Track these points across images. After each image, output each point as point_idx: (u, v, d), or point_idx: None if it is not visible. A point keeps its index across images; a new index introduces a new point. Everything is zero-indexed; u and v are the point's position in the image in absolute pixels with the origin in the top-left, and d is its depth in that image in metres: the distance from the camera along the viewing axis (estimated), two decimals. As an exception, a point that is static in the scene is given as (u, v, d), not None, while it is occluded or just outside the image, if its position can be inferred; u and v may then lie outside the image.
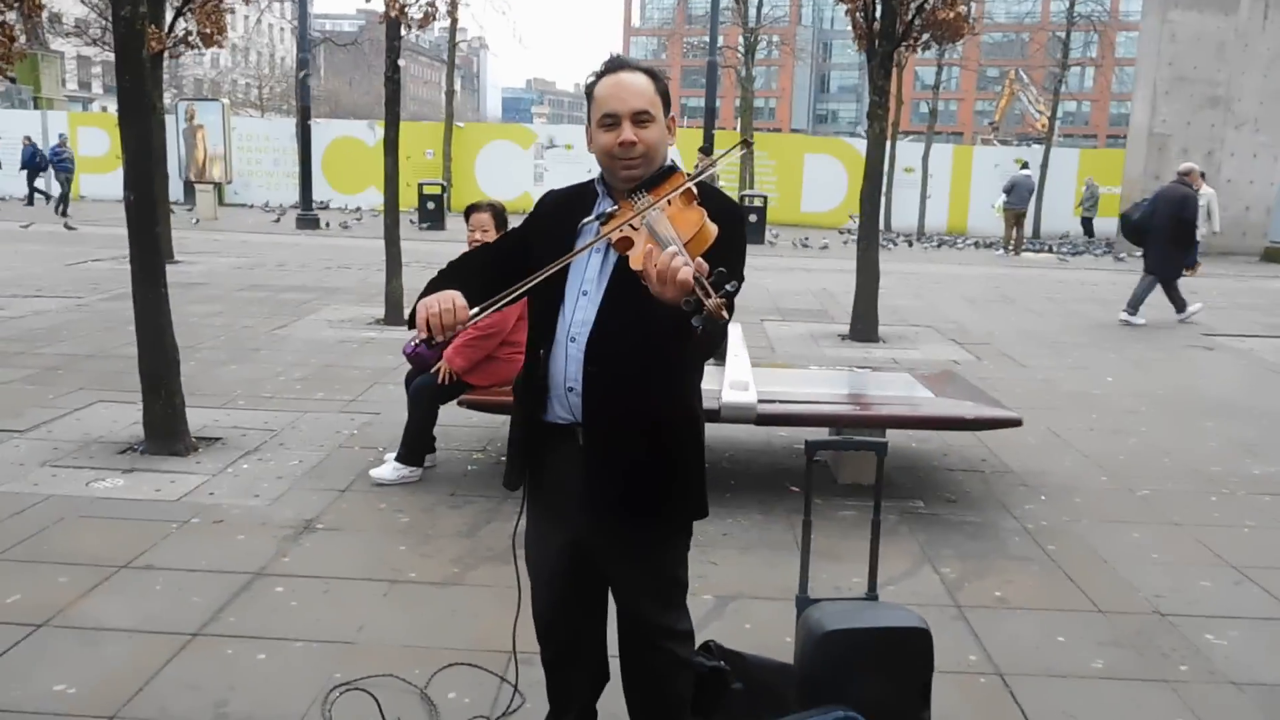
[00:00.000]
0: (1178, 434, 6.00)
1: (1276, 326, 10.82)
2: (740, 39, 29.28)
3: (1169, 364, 8.34)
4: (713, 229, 1.86)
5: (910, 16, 8.79)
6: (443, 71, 33.53)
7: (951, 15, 8.88)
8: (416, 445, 4.68)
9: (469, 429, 5.46)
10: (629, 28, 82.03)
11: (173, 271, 5.60)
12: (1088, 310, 11.62)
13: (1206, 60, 19.67)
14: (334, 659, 3.00)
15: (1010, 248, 19.79)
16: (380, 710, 2.71)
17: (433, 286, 2.06)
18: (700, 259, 1.71)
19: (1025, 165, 21.78)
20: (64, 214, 19.95)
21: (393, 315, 8.91)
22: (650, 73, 2.06)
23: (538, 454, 2.16)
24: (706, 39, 21.49)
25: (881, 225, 14.13)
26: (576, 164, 25.54)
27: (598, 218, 2.05)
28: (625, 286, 1.92)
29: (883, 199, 13.05)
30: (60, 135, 22.29)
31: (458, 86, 27.79)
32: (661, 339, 1.88)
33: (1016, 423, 4.68)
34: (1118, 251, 19.55)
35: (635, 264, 1.83)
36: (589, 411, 2.04)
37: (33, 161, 22.67)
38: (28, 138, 23.42)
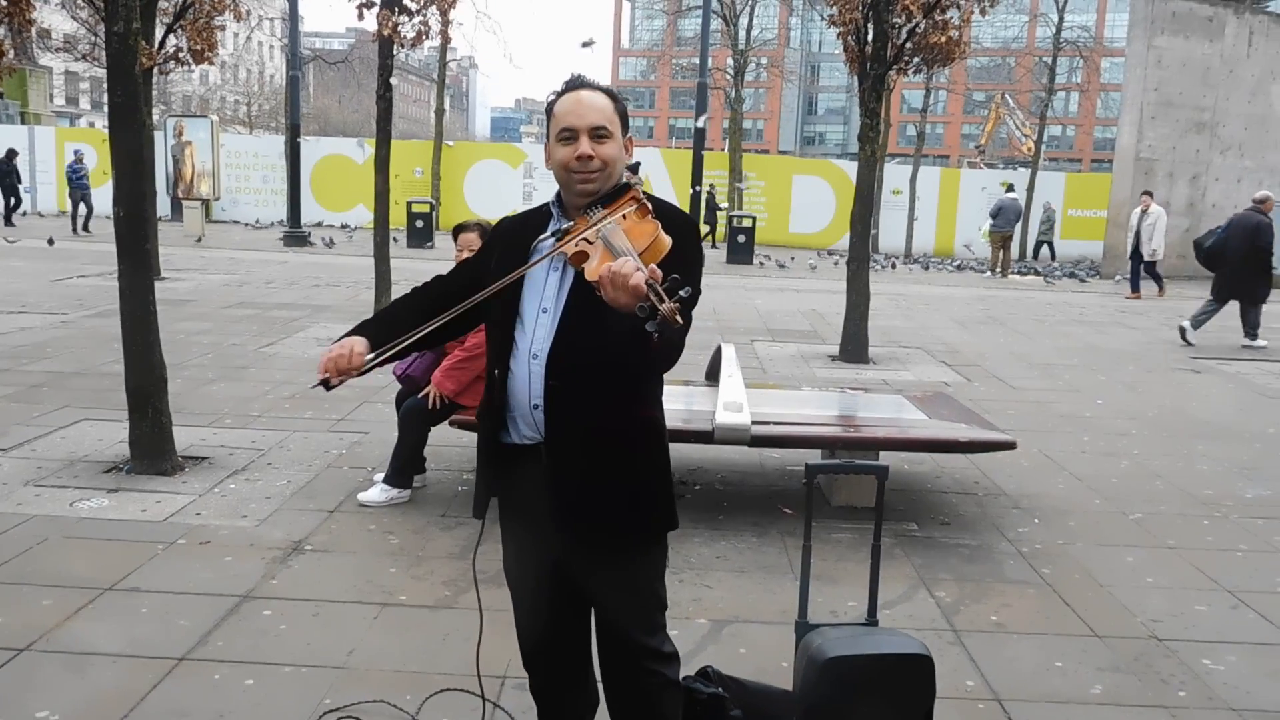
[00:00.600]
0: (1169, 457, 6.00)
1: (1263, 351, 10.88)
2: (729, 61, 29.48)
3: (1159, 387, 8.37)
4: (667, 240, 1.89)
5: (902, 40, 8.85)
6: (432, 90, 33.61)
7: (943, 39, 8.91)
8: (406, 467, 4.64)
9: (460, 449, 5.42)
10: (618, 49, 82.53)
11: (160, 288, 5.55)
12: (1077, 332, 11.67)
13: (1192, 85, 19.89)
14: (324, 684, 2.95)
15: (998, 270, 19.91)
16: (371, 737, 2.66)
17: (388, 314, 2.26)
18: (654, 267, 1.74)
19: (1011, 188, 21.95)
20: (86, 228, 19.90)
21: (382, 333, 8.85)
22: (609, 92, 2.11)
23: (504, 477, 2.15)
24: (695, 60, 21.62)
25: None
26: (566, 183, 25.62)
27: (553, 234, 2.07)
28: (584, 301, 1.96)
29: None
30: (76, 152, 21.62)
31: (447, 105, 27.86)
32: (621, 350, 1.90)
33: (1011, 445, 4.67)
34: (1110, 273, 19.73)
35: (591, 275, 1.86)
36: (553, 426, 2.04)
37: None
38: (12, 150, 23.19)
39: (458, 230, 4.72)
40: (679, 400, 4.91)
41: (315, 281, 13.66)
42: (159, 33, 11.14)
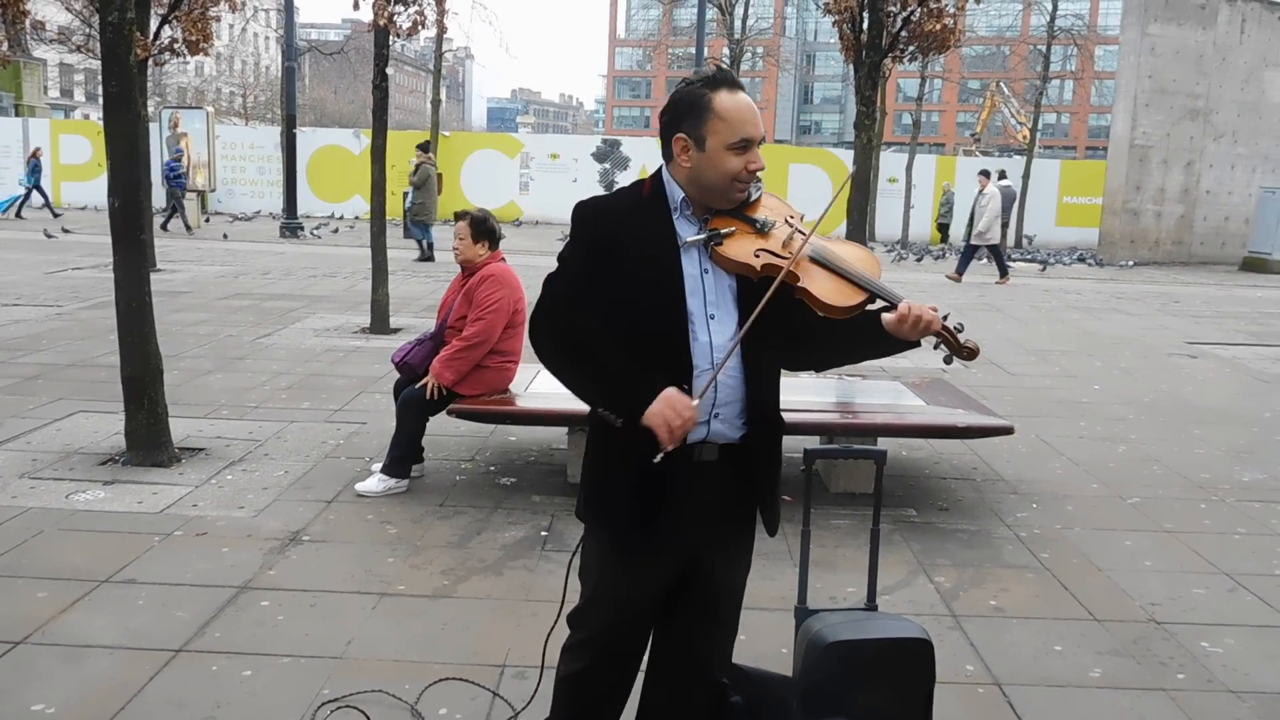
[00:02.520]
0: (1166, 441, 6.01)
1: (1258, 334, 10.90)
2: (725, 50, 29.37)
3: (1155, 372, 8.37)
4: (873, 256, 2.05)
5: (897, 28, 8.83)
6: (428, 81, 33.51)
7: (938, 27, 8.90)
8: (404, 456, 4.62)
9: (458, 439, 5.41)
10: (614, 38, 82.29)
11: (156, 279, 5.53)
12: (1073, 318, 11.67)
13: (1186, 73, 19.87)
14: (322, 674, 2.94)
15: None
16: (371, 726, 2.65)
17: (580, 351, 1.98)
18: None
19: (1003, 175, 21.91)
20: (164, 227, 19.04)
21: (379, 324, 8.84)
22: None
23: (670, 485, 2.00)
24: (691, 50, 21.54)
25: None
26: (562, 173, 25.60)
27: (710, 238, 1.97)
28: (754, 305, 1.95)
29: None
30: (176, 149, 20.85)
31: (443, 96, 27.74)
32: (781, 359, 2.11)
33: (1009, 430, 4.67)
34: (1099, 258, 19.73)
35: (832, 297, 1.95)
36: (751, 431, 2.04)
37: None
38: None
39: (457, 218, 4.77)
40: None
41: (312, 272, 13.63)
42: (154, 24, 11.07)
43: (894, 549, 4.06)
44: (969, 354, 2.03)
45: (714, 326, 1.98)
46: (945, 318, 2.00)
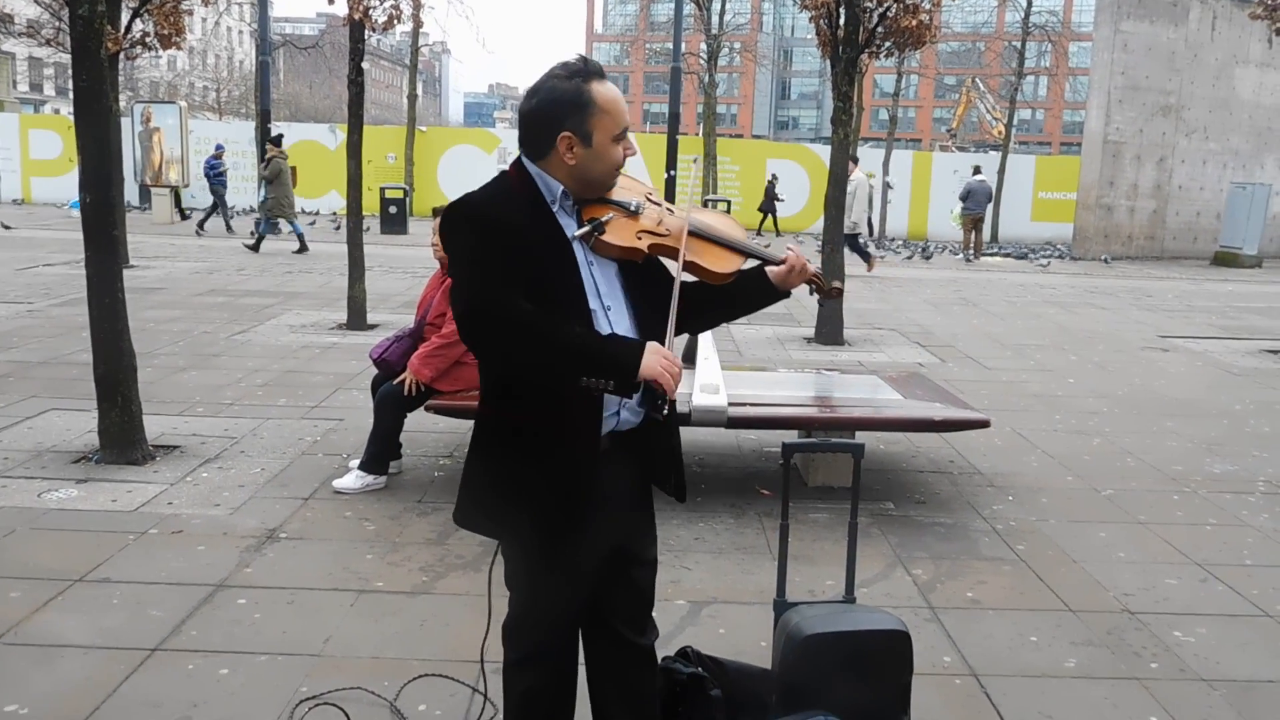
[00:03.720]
0: (1139, 434, 6.08)
1: (1229, 328, 11.05)
2: (702, 45, 29.38)
3: (1128, 365, 8.46)
4: (736, 220, 2.22)
5: (873, 24, 8.85)
6: (404, 75, 33.29)
7: (914, 23, 8.92)
8: (381, 452, 4.60)
9: (435, 435, 5.38)
10: (591, 33, 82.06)
11: (129, 276, 5.47)
12: (1047, 313, 11.78)
13: (1158, 69, 20.08)
14: (300, 672, 2.92)
15: (970, 252, 20.03)
16: (349, 723, 2.64)
17: (544, 339, 1.87)
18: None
19: (978, 170, 22.07)
20: (201, 227, 18.47)
21: (356, 320, 8.79)
22: None
23: (587, 486, 1.98)
24: (668, 45, 21.53)
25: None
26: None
27: (595, 228, 1.96)
28: (641, 291, 2.05)
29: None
30: (218, 146, 20.32)
31: (420, 90, 27.58)
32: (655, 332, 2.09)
33: (984, 424, 4.71)
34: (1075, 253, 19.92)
35: (718, 264, 2.05)
36: (672, 405, 1.96)
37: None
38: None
39: (435, 214, 4.73)
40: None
41: (288, 269, 13.52)
42: (125, 17, 10.93)
43: (872, 542, 4.09)
44: (836, 292, 2.24)
45: (612, 317, 1.99)
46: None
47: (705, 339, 5.18)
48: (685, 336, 2.05)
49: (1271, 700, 2.97)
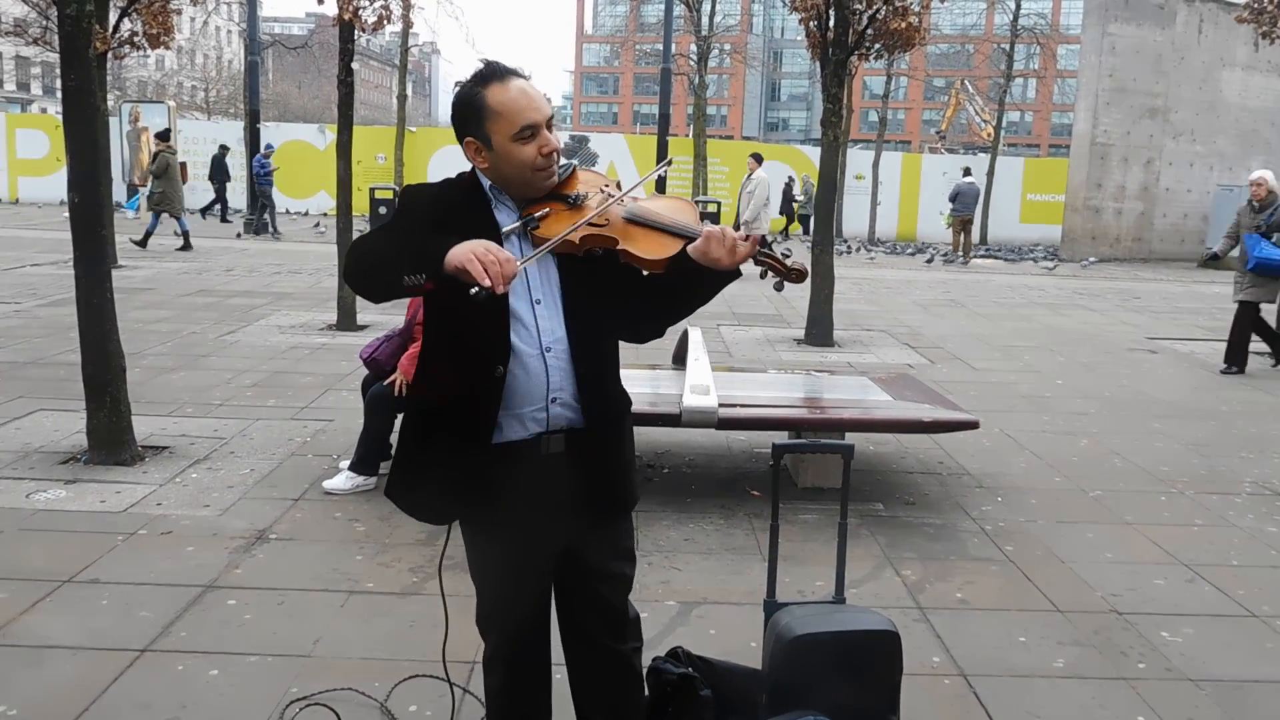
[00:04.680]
0: (1127, 435, 6.12)
1: (1215, 330, 11.11)
2: (692, 46, 29.40)
3: (1116, 367, 8.51)
4: (691, 204, 2.04)
5: (863, 26, 8.89)
6: (394, 76, 33.22)
7: (903, 25, 8.96)
8: (371, 453, 4.59)
9: (426, 436, 5.37)
10: (580, 34, 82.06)
11: (117, 276, 5.44)
12: (1036, 314, 11.84)
13: (1145, 72, 20.20)
14: (290, 673, 2.92)
15: (960, 254, 20.11)
16: (340, 724, 2.64)
17: (379, 247, 1.92)
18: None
19: (968, 172, 22.16)
20: (274, 232, 18.49)
21: (345, 321, 8.76)
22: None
23: (488, 477, 2.00)
24: (658, 46, 21.54)
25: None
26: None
27: (525, 224, 1.96)
28: (579, 286, 2.01)
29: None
30: (267, 146, 20.12)
31: (409, 91, 27.52)
32: (615, 331, 2.10)
33: (973, 425, 4.73)
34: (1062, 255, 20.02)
35: (651, 251, 1.92)
36: (591, 415, 2.03)
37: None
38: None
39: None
40: (646, 384, 4.92)
41: (276, 269, 13.47)
42: (113, 16, 10.89)
43: (861, 543, 4.11)
44: (797, 276, 1.97)
45: (540, 311, 1.99)
46: (772, 244, 1.98)
47: (695, 340, 5.19)
48: (546, 256, 1.97)
49: (1257, 700, 3.00)
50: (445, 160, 25.12)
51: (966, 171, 21.90)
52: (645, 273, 2.00)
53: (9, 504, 4.20)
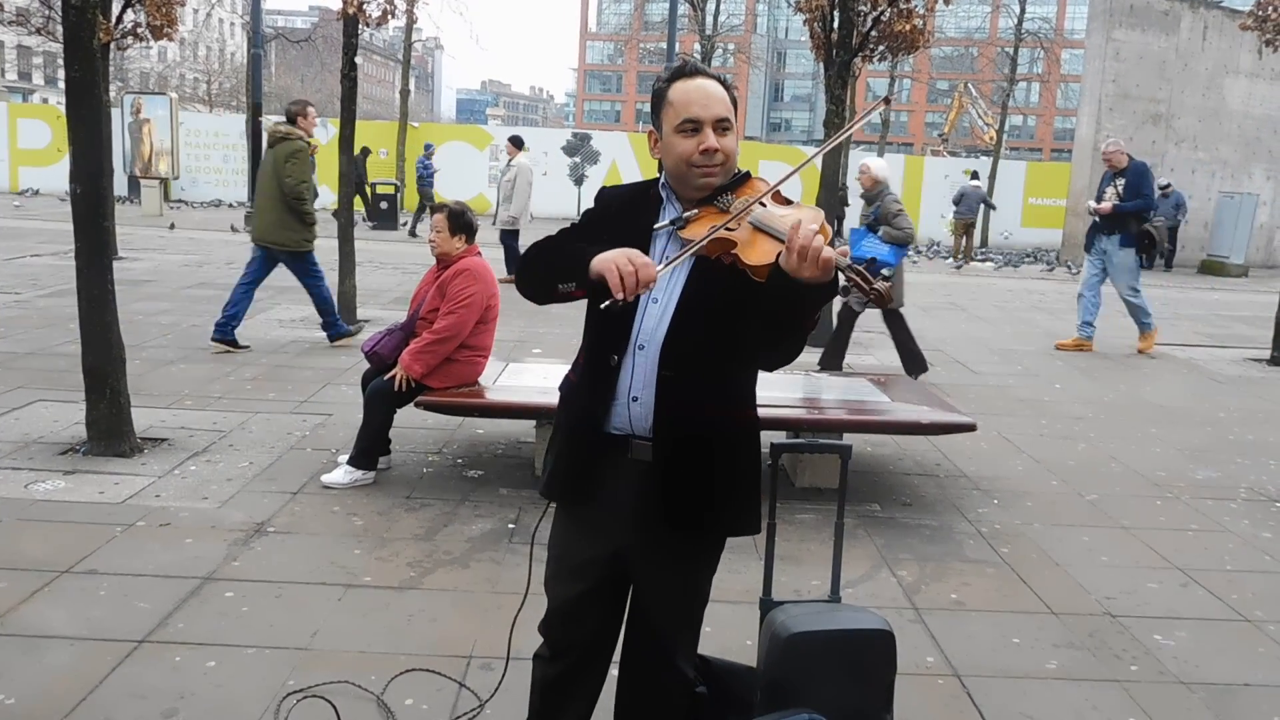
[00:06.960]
0: (1124, 440, 6.13)
1: (1216, 336, 11.13)
2: (696, 46, 29.44)
3: (1115, 372, 8.53)
4: (827, 227, 1.85)
5: (867, 28, 8.89)
6: (396, 71, 33.22)
7: (908, 27, 8.97)
8: (370, 448, 4.60)
9: (425, 431, 5.39)
10: (585, 32, 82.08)
11: (118, 268, 5.43)
12: (1036, 318, 11.85)
13: (1149, 78, 20.21)
14: (287, 665, 2.93)
15: (961, 257, 20.13)
16: (337, 717, 2.65)
17: (544, 255, 2.05)
18: (845, 246, 1.83)
19: (974, 175, 22.17)
20: (413, 233, 18.37)
21: (345, 315, 8.76)
22: (723, 81, 2.02)
23: (596, 464, 2.04)
24: (662, 45, 21.53)
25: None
26: (532, 166, 25.45)
27: (673, 223, 1.98)
28: (700, 293, 1.97)
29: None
30: (427, 146, 20.09)
31: (412, 86, 27.53)
32: (734, 346, 1.97)
33: (971, 427, 4.74)
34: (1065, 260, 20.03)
35: (756, 258, 1.84)
36: (662, 422, 1.98)
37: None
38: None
39: (433, 210, 4.78)
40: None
41: (277, 263, 13.46)
42: (116, 7, 10.88)
43: (858, 543, 4.12)
44: (878, 298, 1.76)
45: (652, 310, 2.00)
46: (863, 265, 1.81)
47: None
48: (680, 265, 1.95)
49: (1249, 703, 3.01)
50: (448, 156, 25.03)
51: (974, 175, 21.91)
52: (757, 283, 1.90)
53: (7, 494, 4.21)
